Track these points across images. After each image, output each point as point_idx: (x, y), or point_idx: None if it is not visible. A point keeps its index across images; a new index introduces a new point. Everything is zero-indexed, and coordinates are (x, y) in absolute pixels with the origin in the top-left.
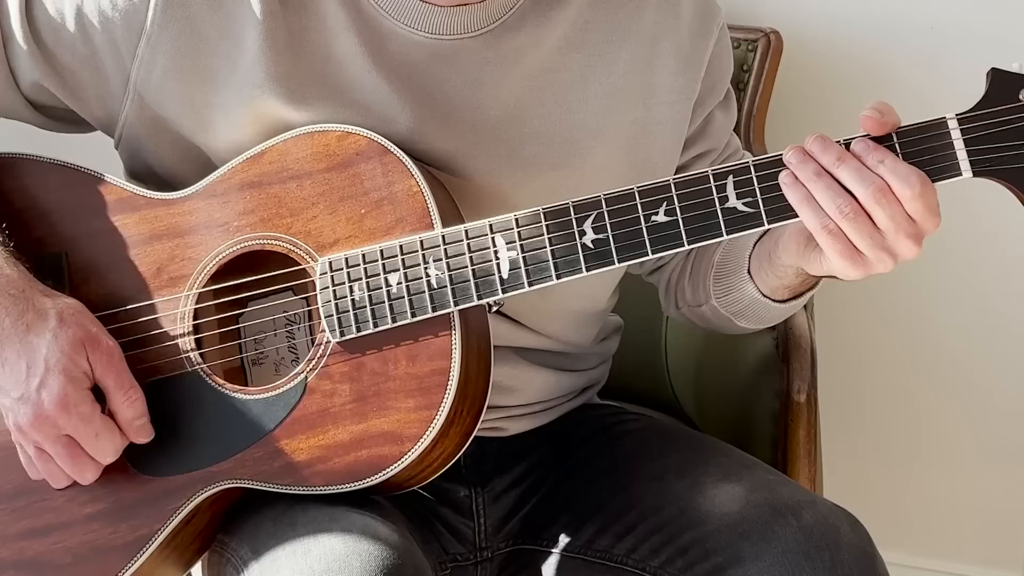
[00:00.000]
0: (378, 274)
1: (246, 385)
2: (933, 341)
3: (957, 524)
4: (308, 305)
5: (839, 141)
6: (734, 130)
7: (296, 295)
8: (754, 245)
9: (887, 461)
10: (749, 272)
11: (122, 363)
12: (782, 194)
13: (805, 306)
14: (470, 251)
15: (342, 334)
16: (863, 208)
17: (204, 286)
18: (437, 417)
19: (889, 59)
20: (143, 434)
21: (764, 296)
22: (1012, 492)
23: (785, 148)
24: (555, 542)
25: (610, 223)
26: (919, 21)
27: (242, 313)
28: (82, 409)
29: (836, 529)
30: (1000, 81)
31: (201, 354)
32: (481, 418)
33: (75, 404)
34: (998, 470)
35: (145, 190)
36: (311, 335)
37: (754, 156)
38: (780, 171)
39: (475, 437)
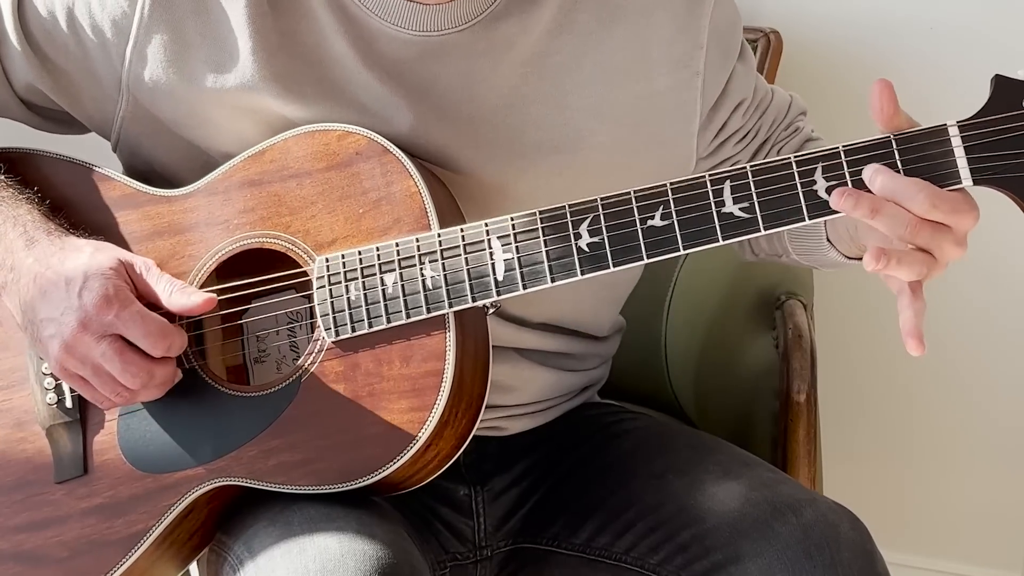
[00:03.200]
0: (374, 274)
1: (248, 383)
2: (933, 341)
3: (957, 524)
4: (309, 303)
5: (838, 148)
6: None
7: (298, 293)
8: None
9: (887, 461)
10: (829, 240)
11: (160, 271)
12: (778, 199)
13: (805, 306)
14: (466, 252)
15: (337, 333)
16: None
17: (203, 283)
18: (430, 419)
19: (889, 60)
20: (198, 298)
21: (849, 258)
22: (1012, 492)
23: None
24: (555, 540)
25: (606, 226)
26: (920, 22)
27: (245, 310)
28: (122, 296)
29: (836, 527)
30: (1003, 88)
31: (201, 351)
32: (478, 420)
33: (116, 292)
34: (998, 470)
35: (147, 187)
36: (312, 333)
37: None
38: (777, 175)
39: (474, 436)
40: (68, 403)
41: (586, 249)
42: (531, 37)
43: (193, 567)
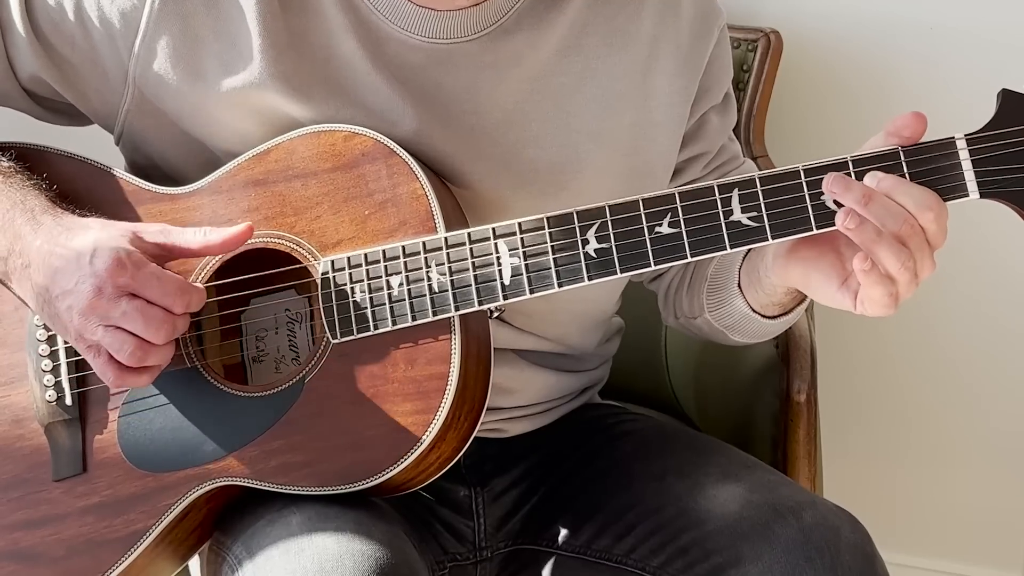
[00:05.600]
0: (380, 276)
1: (246, 382)
2: (933, 342)
3: (957, 524)
4: (310, 304)
5: (847, 158)
6: (734, 131)
7: (299, 294)
8: (743, 259)
9: (887, 461)
10: (739, 287)
11: (176, 230)
12: (787, 209)
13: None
14: (472, 256)
15: (342, 335)
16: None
17: (206, 282)
18: (434, 421)
19: (889, 60)
20: (236, 229)
21: (754, 312)
22: (1012, 492)
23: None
24: (555, 542)
25: (613, 232)
26: (920, 22)
27: (244, 310)
28: (135, 258)
29: (836, 530)
30: (1010, 102)
31: (202, 350)
32: (479, 423)
33: (128, 255)
34: (998, 470)
35: (151, 184)
36: (312, 334)
37: (754, 158)
38: (785, 185)
39: (475, 438)
40: (68, 400)
41: (593, 255)
42: (539, 55)
43: (193, 564)
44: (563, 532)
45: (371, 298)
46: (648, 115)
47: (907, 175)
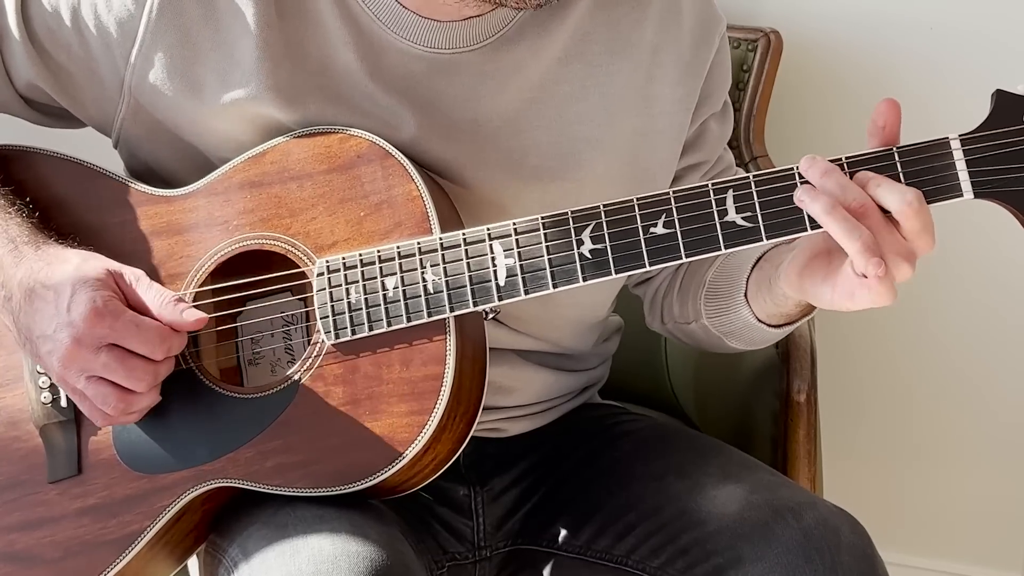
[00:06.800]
0: (375, 277)
1: (241, 385)
2: (933, 341)
3: (957, 524)
4: (305, 306)
5: (842, 159)
6: (732, 133)
7: (294, 296)
8: (751, 269)
9: (887, 461)
10: (746, 296)
11: (150, 281)
12: (782, 210)
13: None
14: (467, 257)
15: (337, 336)
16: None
17: (201, 284)
18: (429, 422)
19: (889, 60)
20: (190, 315)
21: (759, 321)
22: (1012, 492)
23: (798, 163)
24: (554, 542)
25: (608, 233)
26: (920, 22)
27: (240, 312)
28: (112, 307)
29: (836, 531)
30: (1004, 103)
31: (197, 352)
32: (475, 424)
33: (105, 304)
34: (998, 470)
35: (146, 187)
36: (307, 336)
37: (754, 158)
38: (780, 185)
39: (474, 438)
40: (63, 402)
41: (588, 256)
42: (541, 63)
43: (192, 563)
44: (563, 532)
45: (366, 299)
46: (650, 122)
47: (901, 175)
